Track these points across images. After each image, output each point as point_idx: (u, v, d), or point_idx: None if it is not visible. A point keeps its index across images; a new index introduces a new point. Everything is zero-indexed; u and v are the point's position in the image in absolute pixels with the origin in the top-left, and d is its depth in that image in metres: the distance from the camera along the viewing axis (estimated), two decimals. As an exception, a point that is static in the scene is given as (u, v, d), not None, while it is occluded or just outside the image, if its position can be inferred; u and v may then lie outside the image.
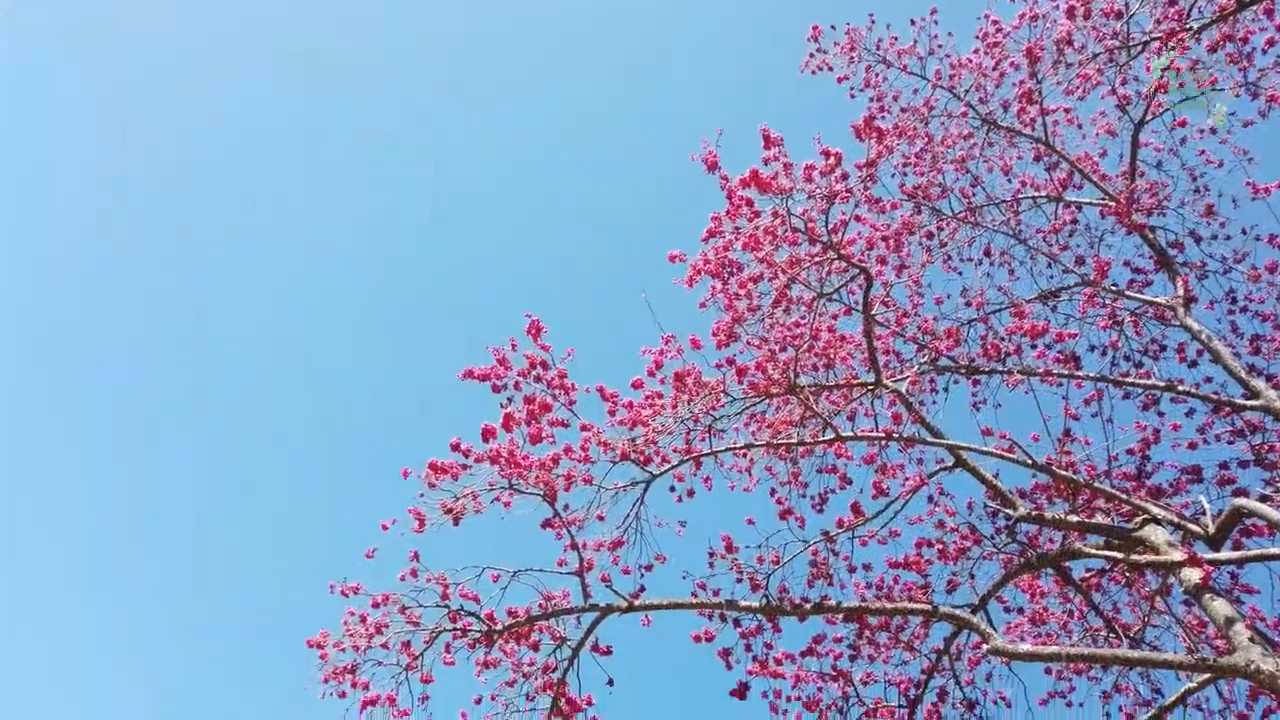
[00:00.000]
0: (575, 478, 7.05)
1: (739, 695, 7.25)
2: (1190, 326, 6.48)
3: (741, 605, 6.88)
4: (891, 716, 8.25)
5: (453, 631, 6.70)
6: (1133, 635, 7.45)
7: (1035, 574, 7.93)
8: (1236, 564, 6.52)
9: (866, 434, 7.23)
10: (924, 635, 8.01)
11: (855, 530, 7.70)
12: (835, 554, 7.75)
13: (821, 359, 7.90)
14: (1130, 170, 7.51)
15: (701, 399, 7.39)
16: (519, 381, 6.84)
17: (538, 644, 7.07)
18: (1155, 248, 7.20)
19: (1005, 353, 7.27)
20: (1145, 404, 7.39)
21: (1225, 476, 6.87)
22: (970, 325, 8.04)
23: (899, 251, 8.00)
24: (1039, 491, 7.51)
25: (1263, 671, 4.46)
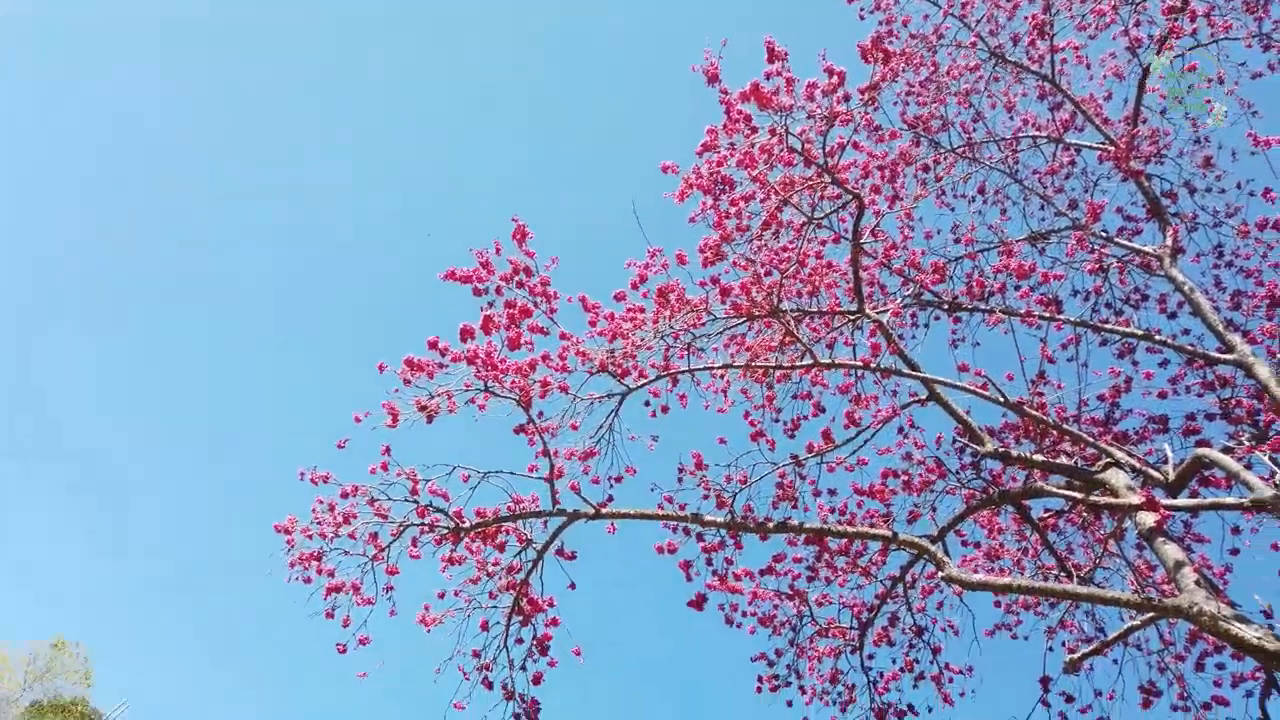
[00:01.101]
0: (551, 385, 7.05)
1: (696, 606, 7.43)
2: (1175, 277, 6.49)
3: (707, 520, 6.99)
4: (843, 637, 8.51)
5: (420, 527, 6.77)
6: (1083, 575, 7.67)
7: (995, 510, 8.10)
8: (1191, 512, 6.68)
9: (844, 362, 7.26)
10: (881, 562, 8.21)
11: (824, 456, 7.79)
12: (802, 478, 7.85)
13: (806, 285, 7.87)
14: (1133, 115, 7.41)
15: (683, 316, 7.36)
16: (501, 286, 6.77)
17: (503, 545, 7.17)
18: (1149, 196, 7.16)
19: (989, 291, 7.27)
20: (1121, 351, 7.44)
21: (1191, 427, 6.98)
22: (957, 262, 8.02)
23: (894, 182, 7.90)
24: (1008, 430, 7.62)
25: (1204, 613, 4.60)
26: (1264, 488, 5.17)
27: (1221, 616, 4.51)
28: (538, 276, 6.79)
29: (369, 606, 6.84)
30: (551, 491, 6.97)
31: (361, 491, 6.72)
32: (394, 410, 6.61)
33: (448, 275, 6.75)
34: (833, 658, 8.56)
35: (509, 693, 6.95)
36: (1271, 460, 5.66)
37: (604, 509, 6.94)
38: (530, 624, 7.20)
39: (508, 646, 7.12)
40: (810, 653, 8.56)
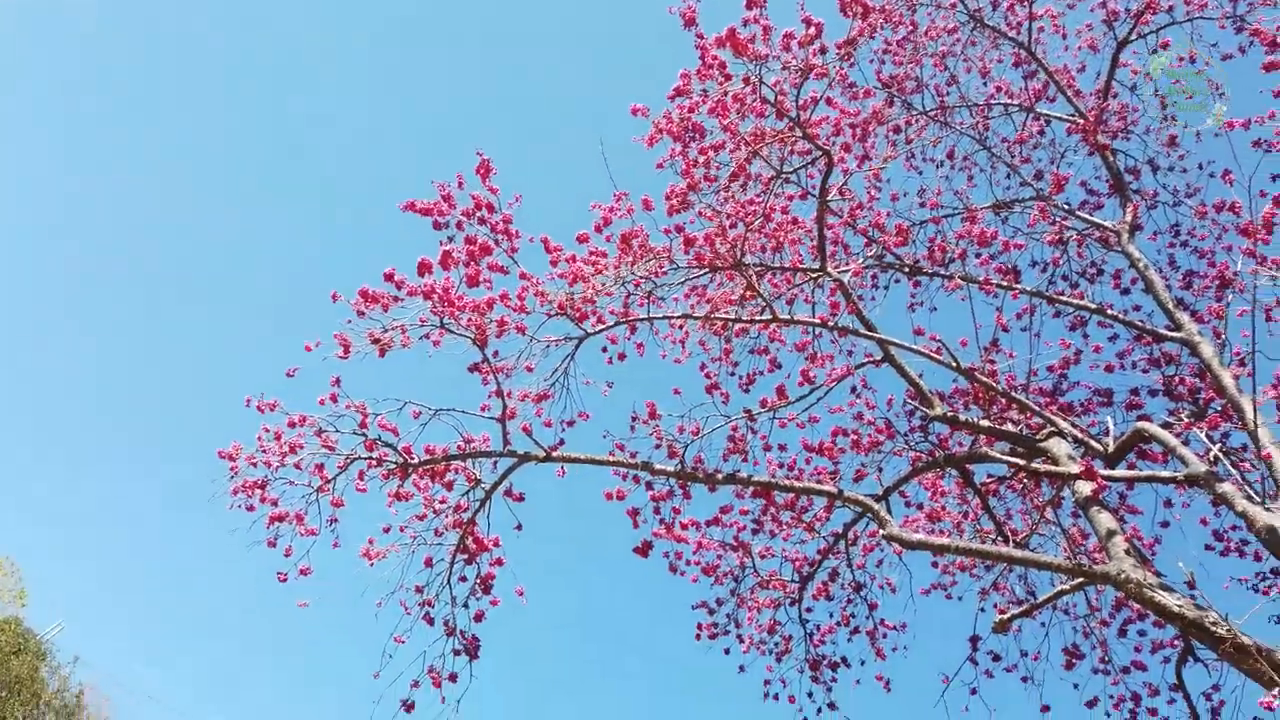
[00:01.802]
0: (508, 325, 6.98)
1: (642, 553, 7.49)
2: (1131, 253, 6.58)
3: (657, 468, 7.02)
4: (783, 589, 8.67)
5: (368, 460, 6.71)
6: (1019, 540, 7.87)
7: (940, 474, 8.25)
8: (1128, 483, 6.87)
9: (803, 319, 7.28)
10: (825, 518, 8.34)
11: (777, 412, 7.85)
12: (754, 432, 7.91)
13: (770, 240, 7.85)
14: (1105, 89, 7.43)
15: (645, 263, 7.30)
16: (462, 221, 6.65)
17: (451, 483, 7.15)
18: (1113, 171, 7.22)
19: (950, 257, 7.32)
20: (1073, 324, 7.56)
21: (1134, 402, 7.14)
22: (921, 226, 8.04)
23: (864, 141, 7.86)
24: (958, 396, 7.73)
25: (1131, 580, 4.75)
26: (1198, 464, 5.32)
27: (1147, 584, 4.65)
28: (500, 214, 6.68)
29: (312, 538, 6.79)
30: (503, 432, 6.94)
31: (309, 422, 6.63)
32: (346, 342, 6.50)
33: (407, 206, 6.61)
34: (772, 609, 8.73)
35: (450, 629, 6.98)
36: (1207, 437, 5.82)
37: (555, 452, 6.93)
38: (475, 563, 7.21)
39: (451, 584, 7.14)
40: (750, 603, 8.71)
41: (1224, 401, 5.94)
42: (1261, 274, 5.65)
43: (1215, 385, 5.94)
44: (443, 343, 6.91)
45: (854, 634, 8.60)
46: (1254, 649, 4.17)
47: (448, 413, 6.86)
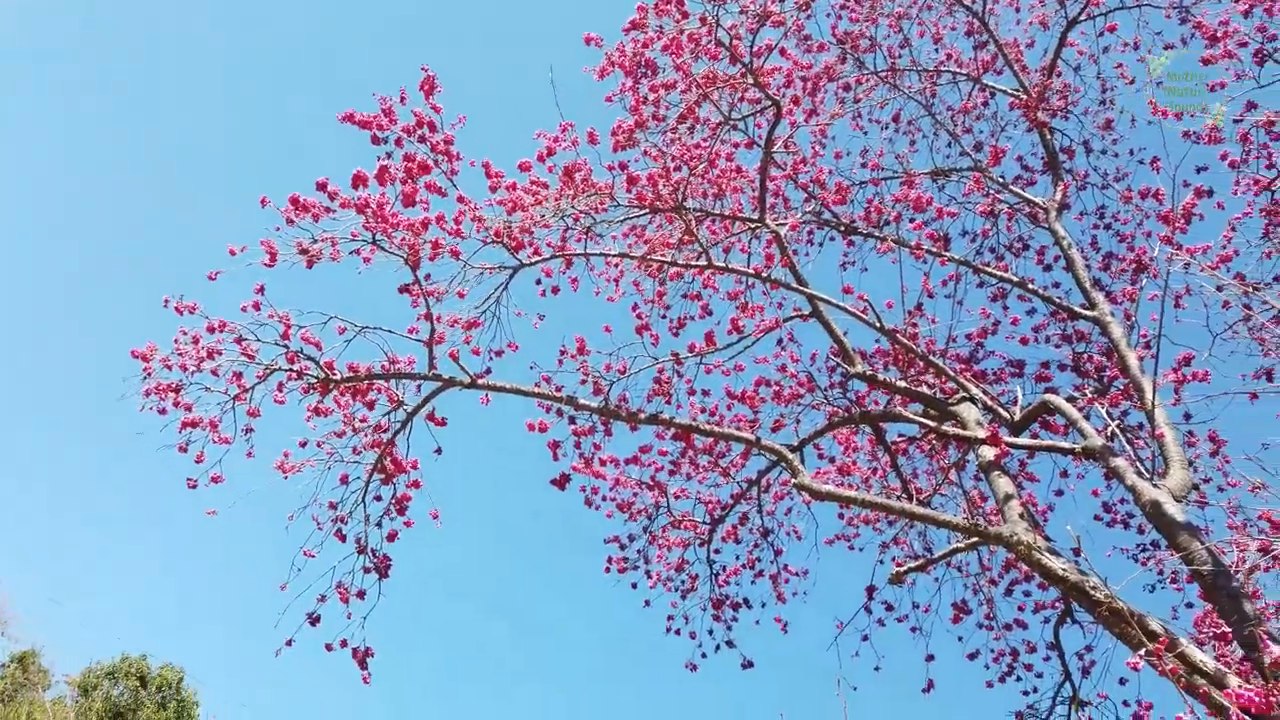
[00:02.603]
0: (443, 249, 6.87)
1: (559, 485, 7.59)
2: (1056, 231, 6.79)
3: (581, 404, 7.07)
4: (694, 530, 8.89)
5: (288, 372, 6.59)
6: (923, 499, 8.20)
7: (854, 430, 8.50)
8: (1029, 452, 7.18)
9: (738, 268, 7.34)
10: (741, 465, 8.55)
11: (704, 358, 7.94)
12: (680, 375, 7.99)
13: (713, 187, 7.86)
14: (1050, 67, 7.57)
15: (586, 198, 7.25)
16: (402, 138, 6.47)
17: (373, 403, 7.09)
18: (1049, 149, 7.40)
19: (885, 219, 7.44)
20: (995, 295, 7.80)
21: (1043, 374, 7.45)
22: (861, 186, 8.14)
23: (814, 96, 7.88)
24: (879, 356, 7.93)
25: (1021, 542, 5.00)
26: (1096, 438, 5.60)
27: (1035, 547, 4.91)
28: (442, 134, 6.52)
29: (225, 446, 6.68)
30: (429, 356, 6.89)
31: (229, 328, 6.46)
32: (273, 249, 6.33)
33: (346, 117, 6.40)
34: (681, 548, 8.96)
35: (361, 547, 6.99)
36: (1108, 414, 6.11)
37: (480, 380, 6.91)
38: (391, 484, 7.20)
39: (365, 503, 7.12)
40: (661, 541, 8.93)
41: (1126, 381, 6.22)
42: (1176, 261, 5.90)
43: (1120, 365, 6.23)
44: (374, 260, 6.78)
45: (758, 577, 8.90)
46: (1128, 614, 4.45)
47: (374, 331, 6.76)
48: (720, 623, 8.80)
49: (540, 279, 7.75)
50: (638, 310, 8.23)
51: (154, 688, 20.67)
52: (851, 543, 8.99)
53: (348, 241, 6.57)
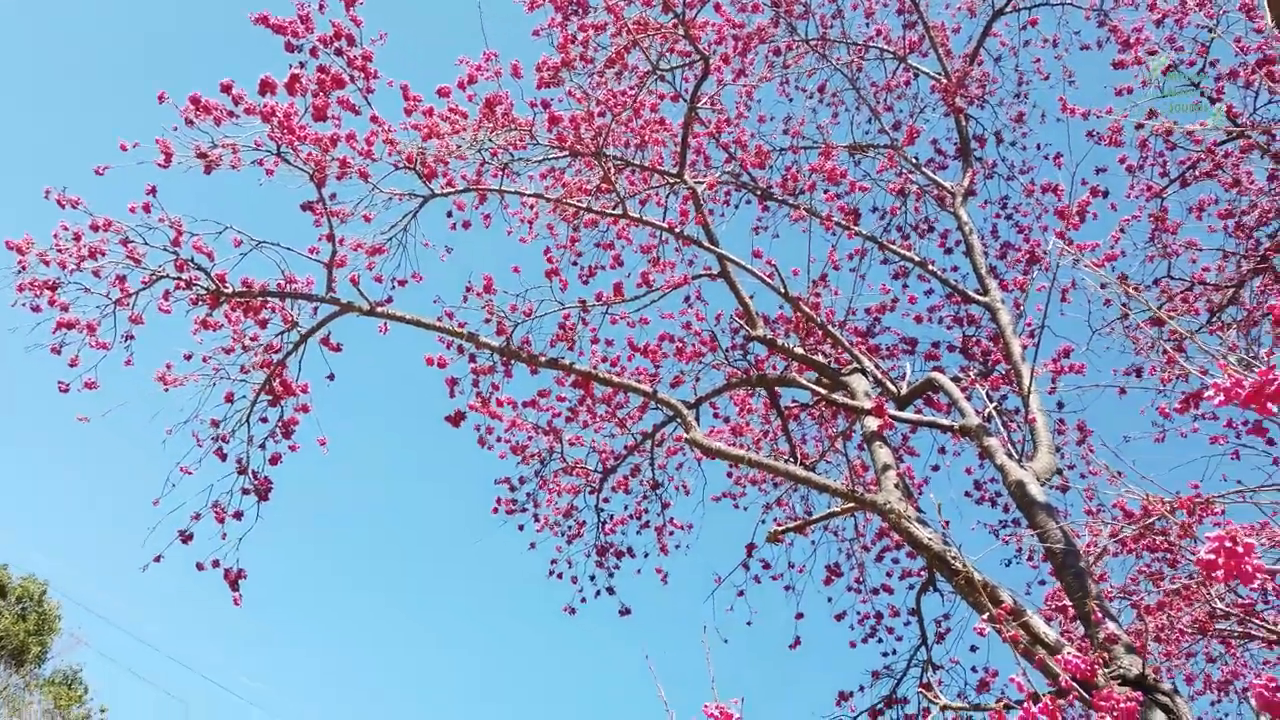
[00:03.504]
0: (351, 169, 6.65)
1: (453, 423, 7.52)
2: (960, 216, 7.00)
3: (482, 341, 7.00)
4: (585, 478, 8.96)
5: (176, 281, 6.32)
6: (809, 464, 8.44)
7: (750, 392, 8.67)
8: (912, 426, 7.46)
9: (652, 221, 7.33)
10: (638, 418, 8.63)
11: (611, 308, 7.95)
12: (585, 323, 7.99)
13: (635, 137, 7.80)
14: (972, 54, 7.74)
15: (506, 133, 7.11)
16: (317, 48, 6.20)
17: (266, 322, 6.87)
18: (963, 135, 7.59)
19: (800, 188, 7.53)
20: (897, 273, 8.02)
21: (932, 354, 7.72)
22: (781, 153, 8.20)
23: (744, 56, 7.87)
24: (781, 322, 8.08)
25: (894, 510, 5.21)
26: (973, 417, 5.84)
27: (905, 515, 5.12)
28: (360, 49, 6.27)
29: (103, 352, 6.38)
30: (329, 278, 6.70)
31: (115, 228, 6.13)
32: (168, 149, 6.01)
33: (260, 19, 6.09)
34: (572, 494, 9.04)
35: (242, 467, 6.82)
36: (987, 396, 6.39)
37: (381, 308, 6.77)
38: (279, 406, 7.03)
39: (250, 423, 6.93)
40: (552, 486, 8.98)
41: (1009, 367, 6.50)
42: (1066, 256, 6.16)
43: (1004, 351, 6.50)
44: (277, 174, 6.52)
45: (644, 528, 9.06)
46: (981, 584, 4.70)
47: (272, 247, 6.53)
48: (603, 569, 8.95)
49: (452, 211, 7.60)
50: (549, 254, 8.16)
51: (14, 598, 19.87)
52: (737, 502, 9.22)
53: (250, 150, 6.30)
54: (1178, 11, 6.15)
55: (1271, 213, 6.22)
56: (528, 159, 7.35)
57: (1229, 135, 6.04)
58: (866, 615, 8.26)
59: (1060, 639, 4.38)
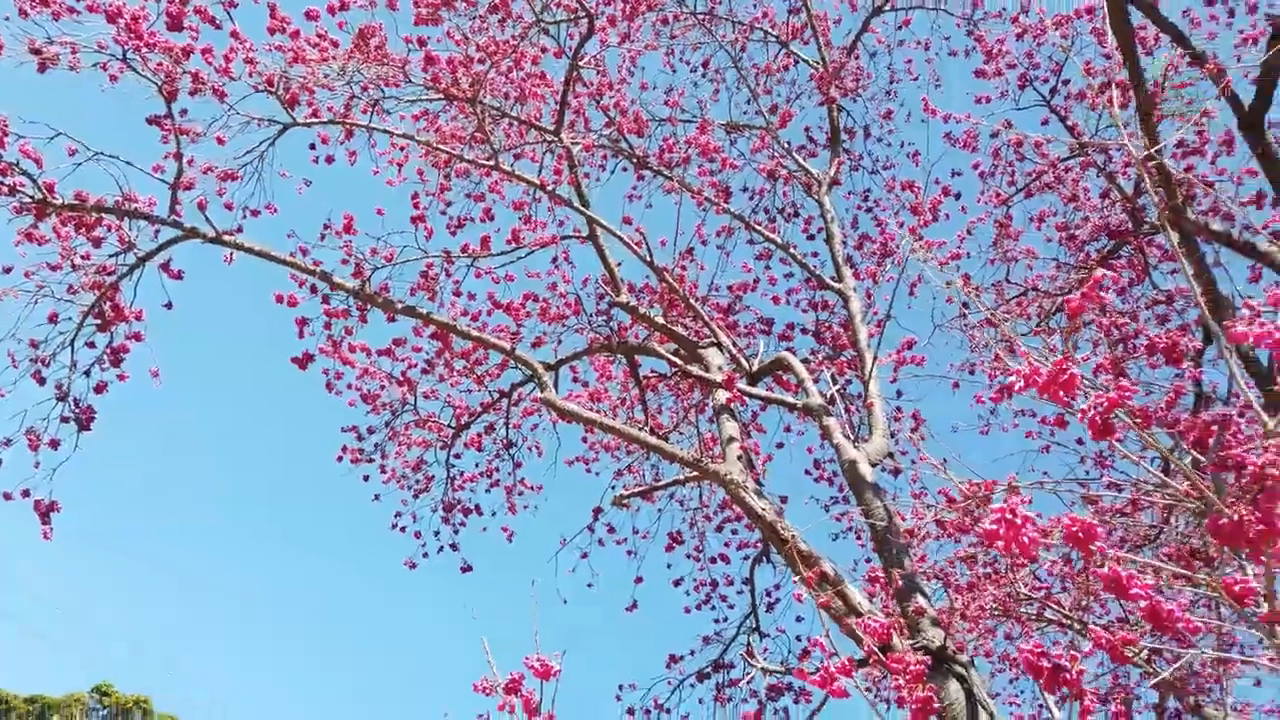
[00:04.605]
0: (206, 85, 6.26)
1: (300, 365, 7.25)
2: (824, 204, 7.21)
3: (337, 282, 6.76)
4: (438, 432, 8.82)
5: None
6: (662, 434, 8.59)
7: (611, 359, 8.72)
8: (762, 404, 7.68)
9: (525, 177, 7.22)
10: (496, 375, 8.54)
11: (477, 261, 7.82)
12: (448, 274, 7.83)
13: (515, 89, 7.65)
14: (850, 48, 7.96)
15: (378, 68, 6.84)
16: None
17: (100, 240, 6.42)
18: (834, 126, 7.82)
19: (675, 160, 7.58)
20: (761, 254, 8.20)
21: (786, 334, 7.98)
22: (660, 123, 8.22)
23: (631, 21, 7.83)
24: (646, 292, 8.15)
25: (734, 481, 5.36)
26: (817, 398, 6.06)
27: (745, 487, 5.28)
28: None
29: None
30: (173, 199, 6.31)
31: (-75, 119, 5.57)
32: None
33: (111, -89, 5.63)
34: (422, 448, 8.88)
35: (63, 393, 6.37)
36: (833, 379, 6.64)
37: (228, 236, 6.42)
38: (109, 332, 6.59)
39: (74, 347, 6.47)
40: (402, 438, 8.79)
41: (855, 353, 6.77)
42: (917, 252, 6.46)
43: (852, 337, 6.76)
44: (122, 81, 6.07)
45: (493, 486, 9.00)
46: (807, 555, 4.91)
47: (110, 160, 6.08)
48: (448, 525, 8.85)
49: (315, 144, 7.27)
50: (416, 200, 7.93)
51: None
52: (590, 466, 9.29)
53: (93, 52, 5.84)
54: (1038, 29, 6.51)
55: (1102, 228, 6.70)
56: (400, 98, 7.11)
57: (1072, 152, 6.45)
58: (703, 582, 8.50)
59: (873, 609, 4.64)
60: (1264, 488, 1.88)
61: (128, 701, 22.69)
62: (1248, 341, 1.95)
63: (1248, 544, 1.94)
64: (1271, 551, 1.94)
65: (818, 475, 8.25)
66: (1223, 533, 1.95)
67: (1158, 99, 5.69)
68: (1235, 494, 2.00)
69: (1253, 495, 1.90)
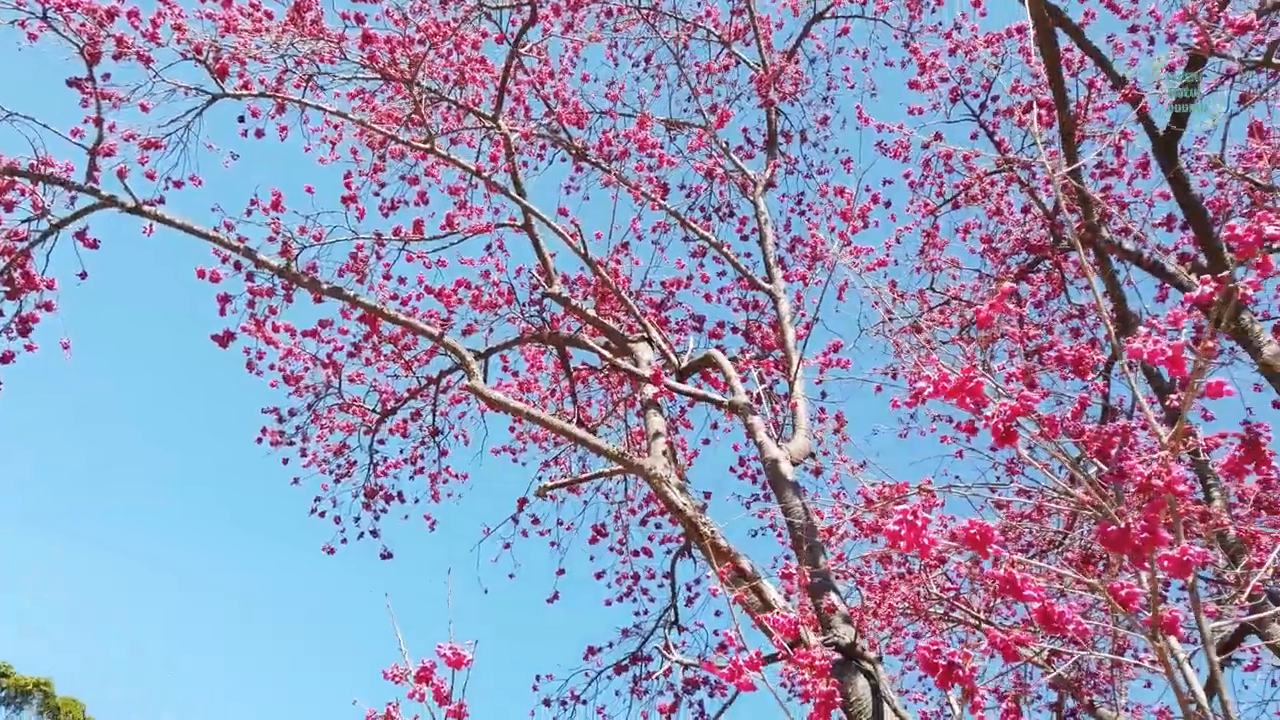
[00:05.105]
0: (130, 49, 6.05)
1: (221, 343, 7.07)
2: (759, 205, 7.29)
3: (262, 259, 6.61)
4: (363, 417, 8.68)
5: (-102, 141, 5.52)
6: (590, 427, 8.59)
7: (542, 349, 8.70)
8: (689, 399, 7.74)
9: (460, 162, 7.14)
10: (425, 361, 8.44)
11: (409, 245, 7.72)
12: (379, 257, 7.71)
13: (455, 72, 7.57)
14: (790, 52, 8.06)
15: (313, 43, 6.70)
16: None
17: (12, 204, 6.16)
18: (771, 128, 7.90)
19: (614, 154, 7.58)
20: (695, 252, 8.26)
21: (716, 332, 8.04)
22: (600, 115, 8.22)
23: (575, 11, 7.81)
24: (580, 284, 8.14)
25: (658, 476, 5.40)
26: (743, 396, 6.14)
27: (666, 480, 5.32)
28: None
29: None
30: (91, 165, 6.10)
31: None
32: (-99, -11, 5.23)
33: None
34: (346, 432, 8.73)
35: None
36: (760, 378, 6.74)
37: (149, 207, 6.23)
38: (18, 299, 6.33)
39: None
40: (325, 422, 8.63)
41: (782, 353, 6.87)
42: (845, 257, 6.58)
43: (780, 338, 6.86)
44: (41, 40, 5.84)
45: (418, 473, 8.90)
46: (726, 550, 4.97)
47: (25, 121, 5.84)
48: (370, 512, 8.72)
49: (245, 117, 7.09)
50: (349, 179, 7.80)
51: None
52: (517, 456, 9.25)
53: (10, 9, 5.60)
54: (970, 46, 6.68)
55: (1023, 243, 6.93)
56: (335, 74, 6.97)
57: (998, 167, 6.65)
58: (624, 575, 8.55)
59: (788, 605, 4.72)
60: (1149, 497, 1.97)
61: (27, 683, 21.92)
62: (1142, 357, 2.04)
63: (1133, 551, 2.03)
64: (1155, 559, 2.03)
65: (742, 473, 8.36)
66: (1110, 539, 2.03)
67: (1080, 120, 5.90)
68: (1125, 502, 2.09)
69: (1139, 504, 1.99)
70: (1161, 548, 1.97)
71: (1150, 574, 2.05)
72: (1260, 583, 5.18)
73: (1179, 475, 1.91)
